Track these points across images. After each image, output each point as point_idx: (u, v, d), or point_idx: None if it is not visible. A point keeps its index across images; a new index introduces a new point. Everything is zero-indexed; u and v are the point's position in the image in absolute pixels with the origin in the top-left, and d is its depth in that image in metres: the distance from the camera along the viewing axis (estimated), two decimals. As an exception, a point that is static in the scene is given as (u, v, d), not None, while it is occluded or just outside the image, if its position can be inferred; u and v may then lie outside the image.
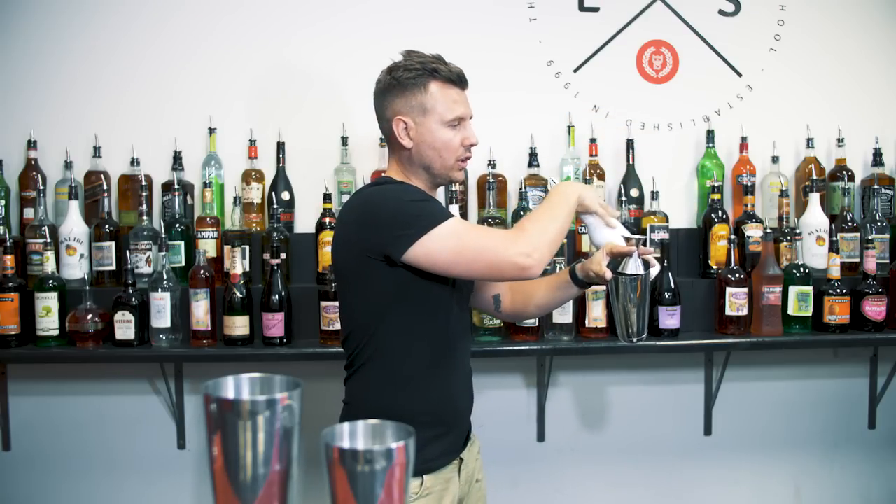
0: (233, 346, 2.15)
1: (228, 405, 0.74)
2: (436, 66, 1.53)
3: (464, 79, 1.56)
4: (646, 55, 2.57)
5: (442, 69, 1.53)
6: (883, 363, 2.57)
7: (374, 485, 0.73)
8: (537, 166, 2.44)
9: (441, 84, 1.53)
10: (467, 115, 1.56)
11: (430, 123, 1.53)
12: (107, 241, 2.25)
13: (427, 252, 1.42)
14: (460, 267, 1.45)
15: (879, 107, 2.64)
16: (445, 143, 1.54)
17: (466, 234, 1.46)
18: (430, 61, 1.54)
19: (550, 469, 2.54)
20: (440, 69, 1.53)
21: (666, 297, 2.25)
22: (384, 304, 1.49)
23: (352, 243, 1.49)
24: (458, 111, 1.54)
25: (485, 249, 1.44)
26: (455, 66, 1.56)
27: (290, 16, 2.44)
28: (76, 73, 2.39)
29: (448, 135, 1.54)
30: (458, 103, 1.54)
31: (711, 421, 2.57)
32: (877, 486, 2.66)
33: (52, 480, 2.40)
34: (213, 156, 2.39)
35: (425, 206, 1.47)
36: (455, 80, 1.54)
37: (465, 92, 1.58)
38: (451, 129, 1.54)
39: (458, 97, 1.55)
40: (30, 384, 2.38)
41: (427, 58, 1.55)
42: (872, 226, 2.43)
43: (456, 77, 1.55)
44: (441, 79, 1.53)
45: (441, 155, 1.55)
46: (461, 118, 1.55)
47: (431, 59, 1.55)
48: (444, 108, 1.53)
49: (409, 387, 1.50)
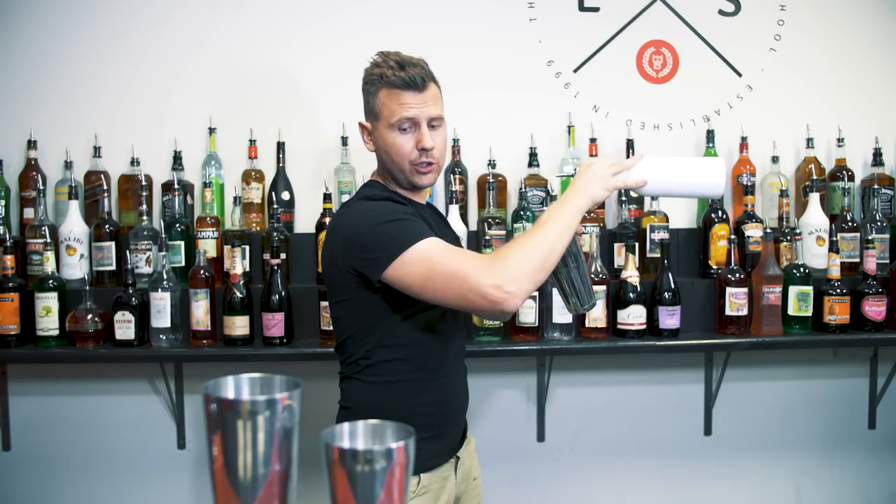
0: (233, 346, 2.15)
1: (228, 405, 0.74)
2: (382, 72, 1.49)
3: (416, 81, 1.48)
4: (646, 55, 2.57)
5: (388, 74, 1.49)
6: (883, 363, 2.57)
7: (374, 485, 0.73)
8: (537, 166, 2.44)
9: (389, 89, 1.49)
10: (419, 118, 1.49)
11: (381, 128, 1.52)
12: (107, 241, 2.25)
13: (399, 276, 1.38)
14: (430, 292, 1.37)
15: (879, 107, 2.64)
16: (394, 147, 1.51)
17: (438, 259, 1.36)
18: (382, 66, 1.50)
19: (550, 469, 2.54)
20: (386, 74, 1.49)
21: (666, 297, 2.25)
22: (373, 315, 1.47)
23: (337, 258, 1.48)
24: (403, 113, 1.48)
25: (454, 277, 1.34)
26: (414, 69, 1.49)
27: (290, 16, 2.44)
28: (76, 73, 2.39)
29: (397, 139, 1.50)
30: (406, 106, 1.48)
31: (711, 421, 2.57)
32: (877, 486, 2.67)
33: (52, 480, 2.40)
34: (213, 156, 2.39)
35: (400, 227, 1.40)
36: (405, 84, 1.48)
37: (426, 93, 1.50)
38: (399, 133, 1.50)
39: (408, 100, 1.48)
40: (30, 384, 2.38)
41: (384, 62, 1.51)
42: (872, 226, 2.43)
43: (405, 81, 1.48)
44: (389, 84, 1.49)
45: (393, 159, 1.52)
46: (411, 120, 1.49)
47: (386, 63, 1.50)
48: (388, 112, 1.50)
49: (404, 390, 1.50)
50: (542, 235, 1.38)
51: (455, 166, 2.42)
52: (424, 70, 1.51)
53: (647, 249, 2.36)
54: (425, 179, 1.54)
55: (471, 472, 1.65)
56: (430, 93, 1.51)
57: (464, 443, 1.63)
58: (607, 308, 2.24)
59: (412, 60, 1.51)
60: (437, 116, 1.52)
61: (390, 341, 1.49)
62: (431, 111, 1.51)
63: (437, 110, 1.53)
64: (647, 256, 2.36)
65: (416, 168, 1.52)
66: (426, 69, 1.52)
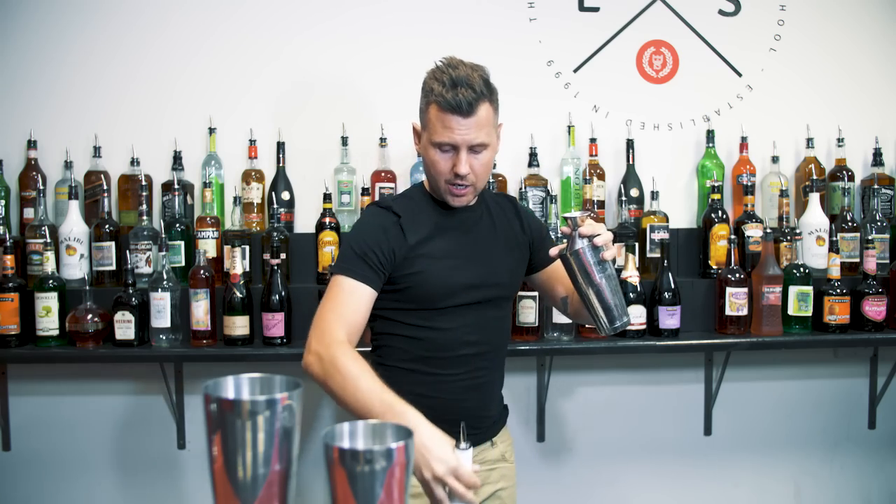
0: (233, 346, 2.15)
1: (228, 405, 0.74)
2: (433, 88, 1.50)
3: (462, 107, 1.47)
4: (646, 55, 2.57)
5: (438, 91, 1.49)
6: (883, 363, 2.57)
7: (374, 485, 0.73)
8: (537, 166, 2.44)
9: (438, 108, 1.50)
10: (460, 144, 1.50)
11: (425, 140, 1.55)
12: (107, 241, 2.25)
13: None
14: None
15: (879, 107, 2.64)
16: (433, 164, 1.54)
17: (329, 297, 1.50)
18: (435, 82, 1.50)
19: (550, 469, 2.54)
20: (436, 91, 1.49)
21: (666, 297, 2.25)
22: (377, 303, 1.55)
23: None
24: (445, 137, 1.50)
25: (316, 315, 1.48)
26: (465, 91, 1.47)
27: (291, 17, 2.44)
28: (76, 73, 2.39)
29: (436, 156, 1.53)
30: (450, 130, 1.49)
31: (711, 421, 2.57)
32: (877, 486, 2.67)
33: (52, 480, 2.40)
34: (213, 156, 2.39)
35: (347, 252, 1.54)
36: (451, 108, 1.48)
37: (472, 119, 1.49)
38: (439, 152, 1.52)
39: (453, 124, 1.49)
40: (30, 384, 2.38)
41: (440, 77, 1.50)
42: (872, 226, 2.43)
43: (451, 105, 1.48)
44: (437, 102, 1.50)
45: (431, 174, 1.57)
46: (451, 145, 1.50)
47: (440, 78, 1.50)
48: (432, 129, 1.52)
49: (400, 377, 1.53)
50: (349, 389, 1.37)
51: (455, 166, 2.42)
52: (476, 92, 1.49)
53: (647, 249, 2.36)
54: (457, 202, 1.58)
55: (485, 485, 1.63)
56: (477, 118, 1.50)
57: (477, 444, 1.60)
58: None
59: (467, 79, 1.48)
60: (480, 144, 1.51)
61: (390, 329, 1.60)
62: (474, 138, 1.50)
63: (482, 137, 1.51)
64: (647, 256, 2.36)
65: (450, 188, 1.55)
66: (478, 90, 1.49)
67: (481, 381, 1.63)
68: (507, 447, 1.73)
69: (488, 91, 1.52)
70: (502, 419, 1.74)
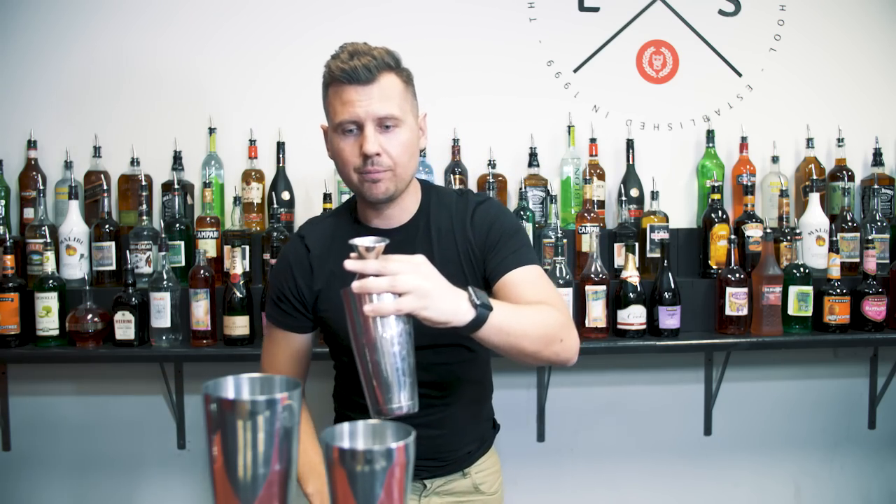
0: (233, 346, 2.15)
1: (228, 405, 0.74)
2: (329, 67, 1.30)
3: (360, 73, 1.25)
4: (646, 55, 2.57)
5: (332, 66, 1.28)
6: (883, 363, 2.57)
7: (374, 485, 0.73)
8: (537, 166, 2.45)
9: (336, 85, 1.29)
10: (363, 118, 1.26)
11: (330, 131, 1.35)
12: (107, 241, 2.25)
13: None
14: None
15: (879, 107, 2.64)
16: (337, 154, 1.32)
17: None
18: (332, 60, 1.30)
19: (550, 469, 2.54)
20: (332, 68, 1.28)
21: (666, 297, 2.25)
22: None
23: None
24: (345, 114, 1.27)
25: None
26: (363, 58, 1.26)
27: (291, 18, 2.44)
28: (76, 73, 2.39)
29: (339, 143, 1.31)
30: (350, 104, 1.27)
31: (711, 421, 2.57)
32: (877, 486, 2.67)
33: (52, 480, 2.40)
34: (213, 156, 2.39)
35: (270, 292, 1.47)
36: (348, 77, 1.26)
37: (373, 86, 1.26)
38: (342, 137, 1.30)
39: (352, 95, 1.27)
40: (30, 384, 2.38)
41: (336, 54, 1.31)
42: (872, 226, 2.43)
43: (348, 74, 1.25)
44: (333, 78, 1.29)
45: (340, 167, 1.35)
46: (353, 122, 1.28)
47: (337, 55, 1.30)
48: (332, 112, 1.31)
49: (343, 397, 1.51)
50: None
51: (455, 166, 2.42)
52: (377, 60, 1.27)
53: (647, 249, 2.36)
54: (375, 189, 1.30)
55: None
56: (380, 86, 1.27)
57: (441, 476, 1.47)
58: (607, 308, 2.24)
59: (367, 50, 1.28)
60: (389, 116, 1.28)
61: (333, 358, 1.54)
62: (378, 109, 1.27)
63: (390, 108, 1.27)
64: (647, 256, 2.36)
65: (363, 176, 1.30)
66: (380, 58, 1.28)
67: (438, 418, 1.41)
68: (485, 476, 1.52)
69: (395, 63, 1.31)
70: (482, 448, 1.53)
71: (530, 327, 1.17)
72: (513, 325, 1.13)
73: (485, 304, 1.10)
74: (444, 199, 1.43)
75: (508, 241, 1.36)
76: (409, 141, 1.32)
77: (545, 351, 1.19)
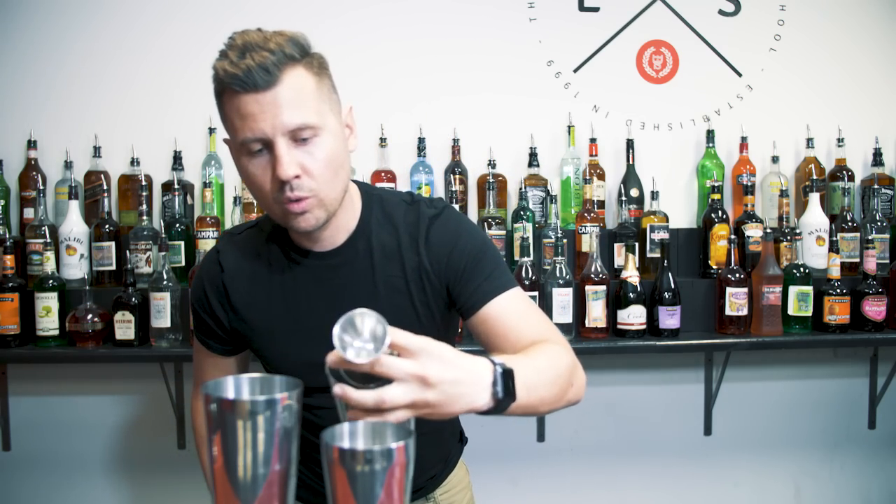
0: (233, 346, 2.14)
1: (228, 405, 0.74)
2: (217, 69, 1.01)
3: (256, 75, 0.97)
4: (646, 55, 2.57)
5: (220, 69, 0.99)
6: (883, 363, 2.57)
7: (374, 485, 0.73)
8: (537, 166, 2.45)
9: (230, 94, 1.01)
10: (269, 134, 0.99)
11: (233, 149, 1.07)
12: (107, 241, 2.25)
13: None
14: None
15: (879, 107, 2.64)
16: (248, 180, 1.06)
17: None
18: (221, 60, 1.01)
19: (550, 469, 2.54)
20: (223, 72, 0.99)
21: (666, 297, 2.25)
22: None
23: None
24: (246, 131, 1.00)
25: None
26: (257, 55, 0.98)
27: (291, 18, 2.44)
28: (76, 73, 2.39)
29: (248, 167, 1.04)
30: (250, 118, 0.99)
31: (711, 421, 2.57)
32: (877, 486, 2.67)
33: (52, 480, 2.40)
34: (213, 156, 2.39)
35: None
36: (241, 84, 0.98)
37: (276, 90, 0.99)
38: (250, 158, 1.03)
39: (250, 107, 0.99)
40: (30, 384, 2.38)
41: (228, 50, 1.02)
42: (872, 226, 2.43)
43: (242, 79, 0.97)
44: (225, 86, 1.01)
45: (254, 195, 1.09)
46: (259, 140, 1.00)
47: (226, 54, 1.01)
48: (231, 129, 1.04)
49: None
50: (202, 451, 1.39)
51: (455, 166, 2.42)
52: (276, 54, 1.00)
53: (647, 249, 2.36)
54: (303, 223, 1.06)
55: None
56: (285, 88, 1.00)
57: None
58: (607, 308, 2.24)
59: (262, 41, 1.01)
60: (304, 125, 1.01)
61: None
62: (289, 119, 0.99)
63: (303, 116, 1.01)
64: (647, 256, 2.36)
65: (284, 207, 1.04)
66: (282, 50, 1.00)
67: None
68: (452, 496, 1.40)
69: (300, 51, 1.04)
70: (448, 469, 1.41)
71: (545, 389, 0.99)
72: (532, 399, 0.95)
73: (509, 392, 0.89)
74: (389, 211, 1.19)
75: (478, 266, 1.15)
76: (334, 150, 1.06)
77: (558, 405, 1.05)
